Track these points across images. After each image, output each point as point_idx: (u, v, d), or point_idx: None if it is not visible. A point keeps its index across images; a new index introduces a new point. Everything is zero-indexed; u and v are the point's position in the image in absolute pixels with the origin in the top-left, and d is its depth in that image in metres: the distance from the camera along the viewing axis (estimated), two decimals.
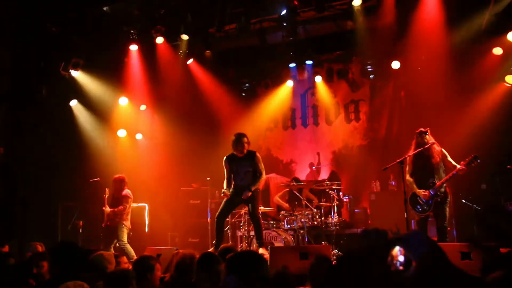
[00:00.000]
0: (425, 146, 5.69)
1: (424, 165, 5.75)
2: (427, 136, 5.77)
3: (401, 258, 1.30)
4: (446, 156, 5.76)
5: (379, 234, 1.55)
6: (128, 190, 7.26)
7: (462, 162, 5.52)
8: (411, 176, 5.82)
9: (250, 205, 6.10)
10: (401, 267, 1.27)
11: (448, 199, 5.71)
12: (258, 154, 6.15)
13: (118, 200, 7.15)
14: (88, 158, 8.40)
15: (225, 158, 6.24)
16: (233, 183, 6.19)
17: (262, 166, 6.13)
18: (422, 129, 5.82)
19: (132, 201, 7.33)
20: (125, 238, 6.99)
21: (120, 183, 7.22)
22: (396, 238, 1.52)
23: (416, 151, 5.71)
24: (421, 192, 5.69)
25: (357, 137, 9.52)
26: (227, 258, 2.13)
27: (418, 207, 5.77)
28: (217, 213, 6.11)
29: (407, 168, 5.82)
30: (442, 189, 5.71)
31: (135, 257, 6.03)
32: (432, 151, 5.73)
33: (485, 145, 6.64)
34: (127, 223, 7.18)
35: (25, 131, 7.97)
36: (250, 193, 5.99)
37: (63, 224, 7.79)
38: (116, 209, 7.09)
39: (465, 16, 7.34)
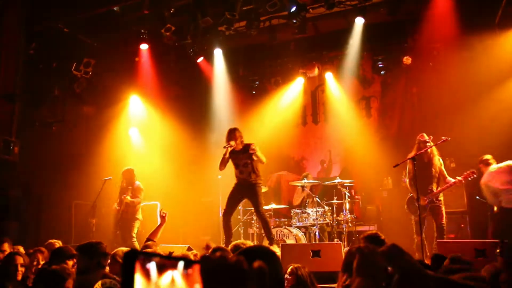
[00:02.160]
0: (424, 150, 5.75)
1: (425, 171, 5.83)
2: (428, 144, 5.85)
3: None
4: (441, 165, 5.96)
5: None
6: (139, 182, 7.31)
7: (463, 176, 5.80)
8: (411, 180, 5.83)
9: (253, 201, 6.06)
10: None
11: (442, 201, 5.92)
12: (253, 144, 6.10)
13: (132, 192, 7.23)
14: (100, 156, 8.48)
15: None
16: (236, 178, 6.20)
17: (260, 152, 6.05)
18: (426, 136, 5.88)
19: (143, 194, 7.37)
20: (135, 232, 7.04)
21: (130, 175, 7.31)
22: (373, 252, 1.69)
23: (415, 154, 5.71)
24: (421, 198, 5.75)
25: (369, 133, 9.45)
26: (239, 252, 2.14)
27: (415, 210, 5.84)
28: (223, 212, 6.14)
29: (406, 171, 5.92)
30: (440, 197, 5.84)
31: None
32: (433, 159, 5.85)
33: (500, 142, 6.57)
34: (140, 216, 7.24)
35: (39, 130, 8.08)
36: (254, 149, 5.88)
37: (76, 222, 7.86)
38: (134, 200, 7.16)
39: (478, 10, 7.24)
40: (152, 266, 0.93)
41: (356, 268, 1.83)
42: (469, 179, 5.81)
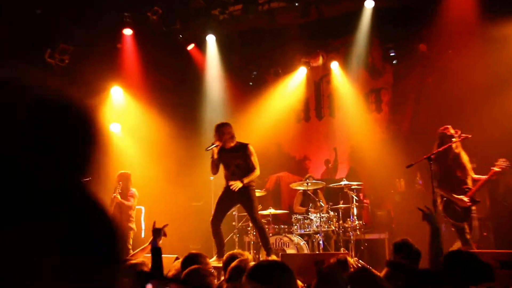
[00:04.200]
0: (450, 144, 5.54)
1: (454, 169, 5.62)
2: (453, 138, 5.64)
3: None
4: (468, 160, 5.76)
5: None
6: (134, 189, 7.34)
7: (496, 166, 5.52)
8: (442, 182, 5.64)
9: (246, 206, 5.97)
10: None
11: None
12: (250, 147, 6.00)
13: (125, 197, 7.25)
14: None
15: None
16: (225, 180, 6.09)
17: (255, 160, 5.97)
18: (452, 130, 5.67)
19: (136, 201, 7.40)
20: (130, 243, 7.02)
21: (126, 180, 7.31)
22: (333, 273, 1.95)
23: (435, 152, 5.54)
24: (462, 198, 5.55)
25: (379, 130, 9.45)
26: (251, 267, 2.21)
27: (457, 215, 5.60)
28: (211, 218, 6.01)
29: (432, 174, 5.68)
30: (477, 198, 5.65)
31: None
32: (460, 154, 5.65)
33: None
34: (133, 225, 7.24)
35: None
36: (241, 183, 5.78)
37: None
38: (125, 202, 7.14)
39: None
40: None
41: None
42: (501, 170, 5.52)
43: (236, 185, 5.77)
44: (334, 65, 9.66)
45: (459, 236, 5.62)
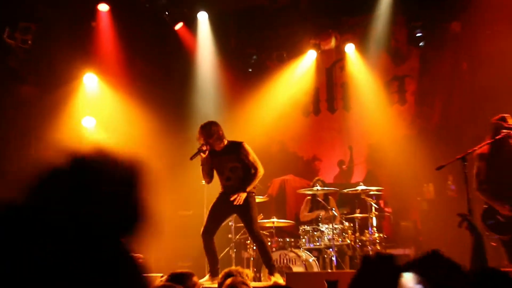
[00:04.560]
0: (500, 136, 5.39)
1: (506, 169, 5.46)
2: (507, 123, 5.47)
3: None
4: None
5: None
6: None
7: None
8: (484, 184, 5.50)
9: (243, 216, 5.96)
10: None
11: None
12: (245, 145, 6.02)
13: None
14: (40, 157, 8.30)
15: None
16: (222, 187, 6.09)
17: (253, 158, 5.96)
18: (510, 118, 5.50)
19: None
20: None
21: None
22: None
23: (486, 144, 5.43)
24: (505, 206, 5.42)
25: (402, 125, 9.45)
26: None
27: (500, 227, 5.48)
28: (202, 229, 5.98)
29: (475, 172, 5.53)
30: None
31: None
32: None
33: None
34: None
35: None
36: (244, 194, 5.79)
37: None
38: None
39: None
40: None
41: None
42: None
43: (240, 198, 5.77)
44: (349, 48, 9.62)
45: (506, 251, 5.50)
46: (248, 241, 7.40)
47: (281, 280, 5.51)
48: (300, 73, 10.03)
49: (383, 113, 9.59)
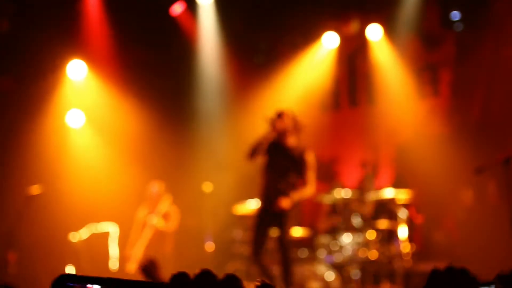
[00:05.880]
0: None
1: None
2: None
3: None
4: None
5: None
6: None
7: None
8: None
9: (281, 226, 6.27)
10: None
11: None
12: (312, 155, 6.39)
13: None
14: (22, 156, 8.47)
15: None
16: (263, 188, 6.41)
17: (312, 174, 6.28)
18: None
19: None
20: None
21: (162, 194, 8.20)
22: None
23: None
24: None
25: (436, 121, 9.42)
26: None
27: None
28: (251, 248, 6.34)
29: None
30: None
31: None
32: None
33: None
34: None
35: None
36: (289, 201, 6.12)
37: None
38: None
39: None
40: None
41: None
42: None
43: (282, 204, 6.14)
44: (374, 33, 9.57)
45: None
46: None
47: None
48: (316, 61, 10.00)
49: (413, 108, 9.58)
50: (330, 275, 7.11)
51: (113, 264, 8.61)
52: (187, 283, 1.58)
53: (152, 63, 9.94)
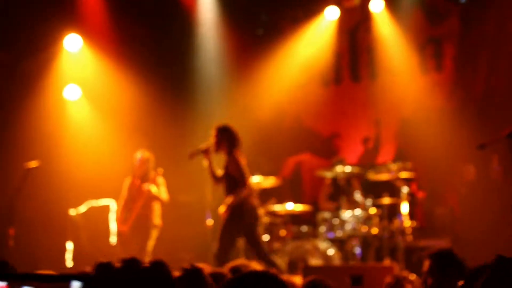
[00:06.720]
0: None
1: None
2: None
3: None
4: None
5: None
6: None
7: None
8: None
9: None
10: None
11: None
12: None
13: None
14: (19, 131, 8.47)
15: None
16: None
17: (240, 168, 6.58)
18: None
19: None
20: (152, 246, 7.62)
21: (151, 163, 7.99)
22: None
23: None
24: None
25: (439, 96, 9.40)
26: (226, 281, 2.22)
27: None
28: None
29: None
30: None
31: None
32: None
33: None
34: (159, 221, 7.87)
35: None
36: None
37: None
38: (162, 197, 7.83)
39: None
40: None
41: None
42: None
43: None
44: (377, 5, 9.52)
45: None
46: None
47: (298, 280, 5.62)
48: (318, 35, 9.93)
49: (416, 82, 9.56)
50: (331, 251, 7.17)
51: (113, 239, 8.67)
52: (111, 272, 1.59)
53: (150, 35, 9.89)
